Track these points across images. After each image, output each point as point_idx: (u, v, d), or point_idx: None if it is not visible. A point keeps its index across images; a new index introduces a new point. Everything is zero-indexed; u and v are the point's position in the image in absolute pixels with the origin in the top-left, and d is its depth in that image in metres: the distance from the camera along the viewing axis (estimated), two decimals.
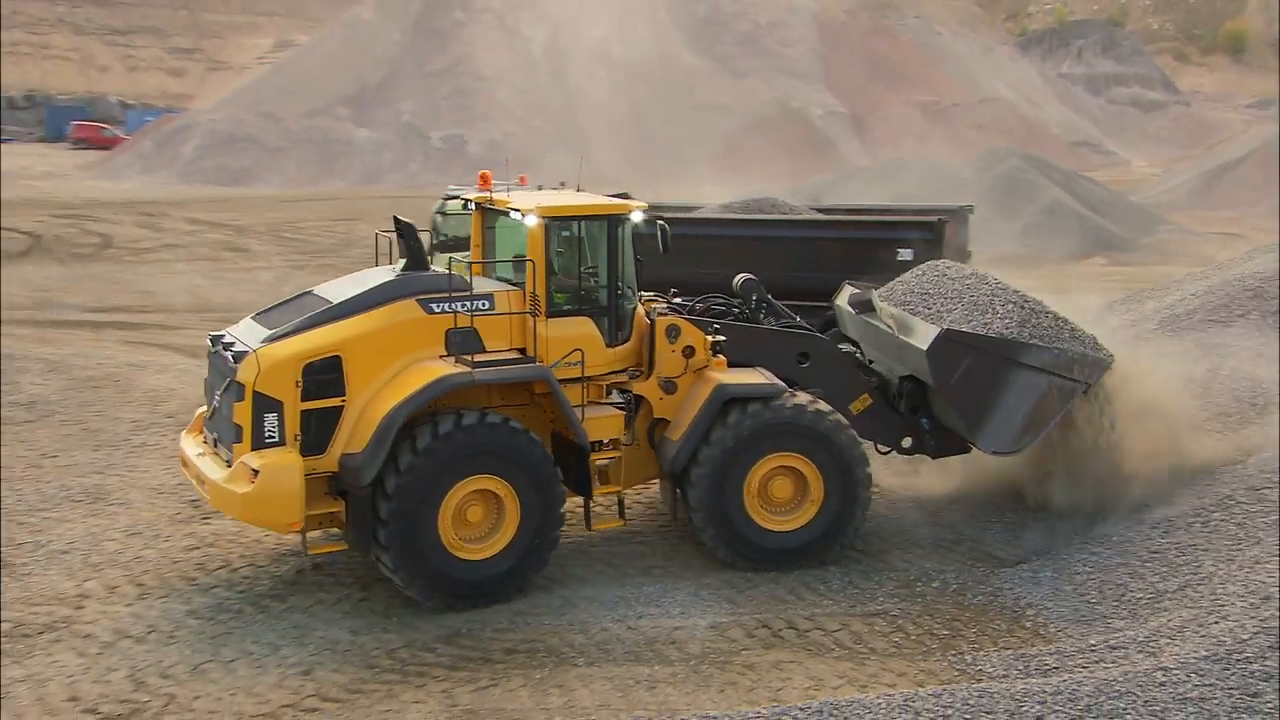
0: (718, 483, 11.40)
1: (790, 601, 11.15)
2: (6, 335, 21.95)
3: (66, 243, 34.82)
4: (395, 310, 10.43)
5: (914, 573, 11.84)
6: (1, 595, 10.66)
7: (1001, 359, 11.60)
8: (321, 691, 9.17)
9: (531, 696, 9.16)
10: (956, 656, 10.07)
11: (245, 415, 9.84)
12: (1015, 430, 11.78)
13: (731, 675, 9.65)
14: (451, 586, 10.38)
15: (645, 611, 10.83)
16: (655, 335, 11.70)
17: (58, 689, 9.05)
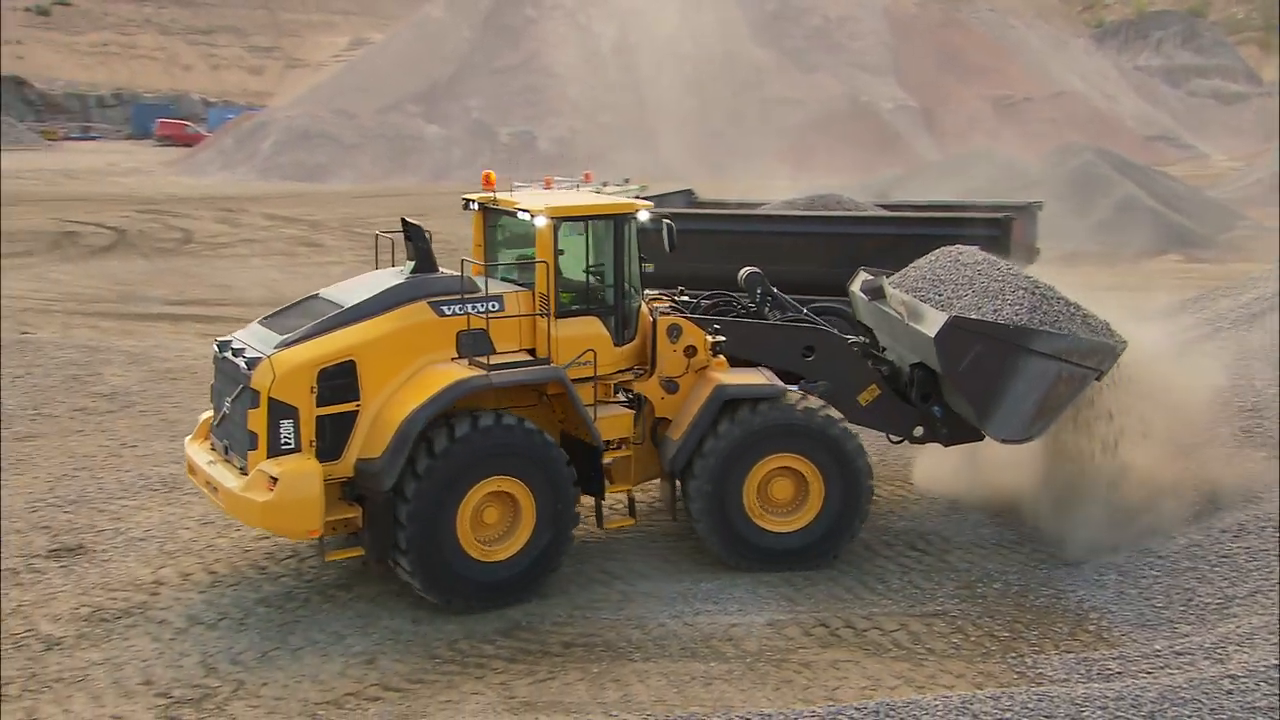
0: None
1: (848, 600, 11.08)
2: (90, 327, 22.63)
3: (149, 237, 35.70)
4: (407, 313, 10.37)
5: (975, 573, 11.69)
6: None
7: (1011, 346, 11.32)
8: (384, 680, 9.32)
9: (588, 690, 9.22)
10: (1016, 659, 9.93)
11: (260, 422, 9.73)
12: (1026, 418, 11.54)
13: (787, 673, 9.61)
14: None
15: (702, 608, 10.83)
16: (657, 334, 11.61)
17: (133, 672, 9.31)
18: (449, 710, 8.80)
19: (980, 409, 11.62)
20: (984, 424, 11.76)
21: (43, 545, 11.76)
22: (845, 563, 11.90)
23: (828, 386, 12.22)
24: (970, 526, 12.80)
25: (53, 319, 23.20)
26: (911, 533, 12.65)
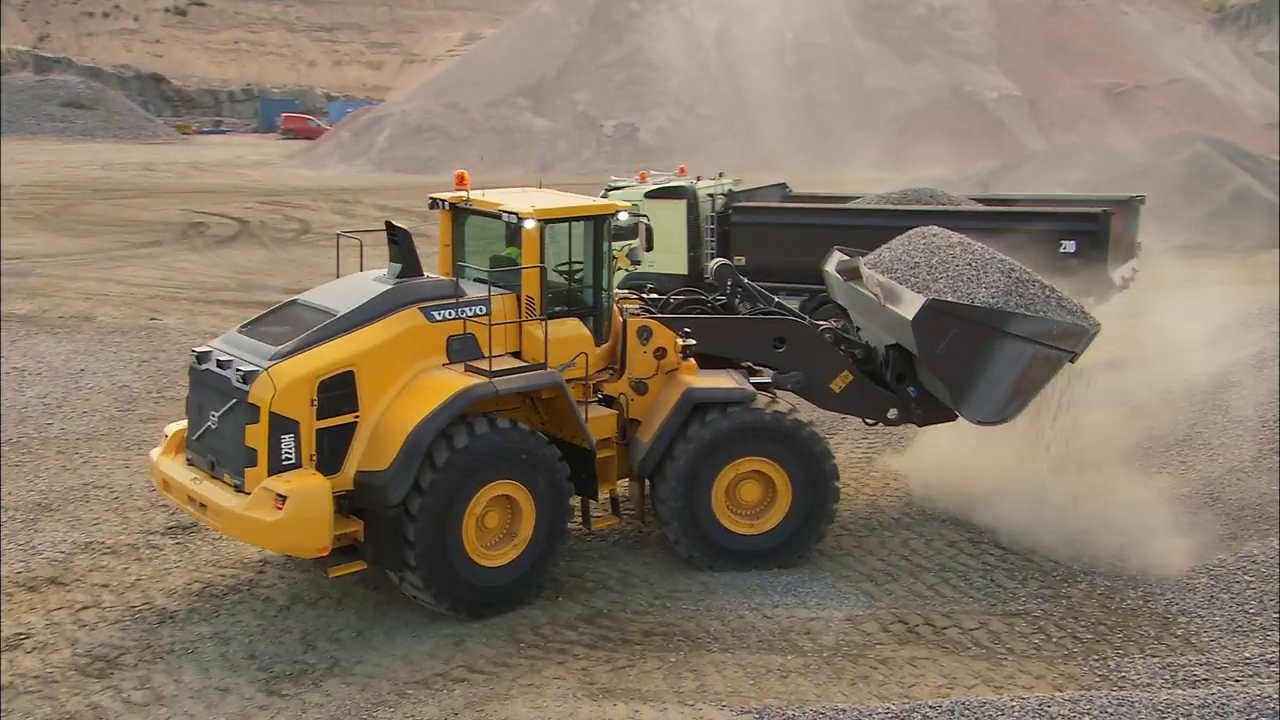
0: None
1: (929, 597, 10.93)
2: (213, 314, 23.44)
3: (270, 228, 36.77)
4: (399, 320, 9.94)
5: (1061, 573, 11.44)
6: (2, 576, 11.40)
7: (987, 329, 11.20)
8: (470, 663, 9.50)
9: (665, 679, 9.27)
10: (1099, 662, 9.69)
11: (260, 438, 9.21)
12: (1001, 400, 11.45)
13: (864, 669, 9.53)
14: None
15: (782, 601, 10.80)
16: (627, 336, 11.44)
17: (239, 647, 9.67)
18: (530, 694, 8.93)
19: (956, 391, 11.48)
20: (959, 406, 11.61)
21: (160, 523, 12.27)
22: (927, 559, 11.76)
23: (800, 376, 12.21)
24: (1058, 526, 12.44)
25: (179, 306, 24.09)
26: (997, 531, 12.41)
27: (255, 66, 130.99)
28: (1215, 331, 18.97)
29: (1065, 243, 17.60)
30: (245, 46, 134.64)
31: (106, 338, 20.12)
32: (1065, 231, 17.64)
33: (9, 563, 11.16)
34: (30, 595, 10.49)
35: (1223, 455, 12.95)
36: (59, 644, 9.57)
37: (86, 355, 18.81)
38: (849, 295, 13.19)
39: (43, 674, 9.09)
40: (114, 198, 43.09)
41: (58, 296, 24.10)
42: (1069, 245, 17.59)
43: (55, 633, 9.74)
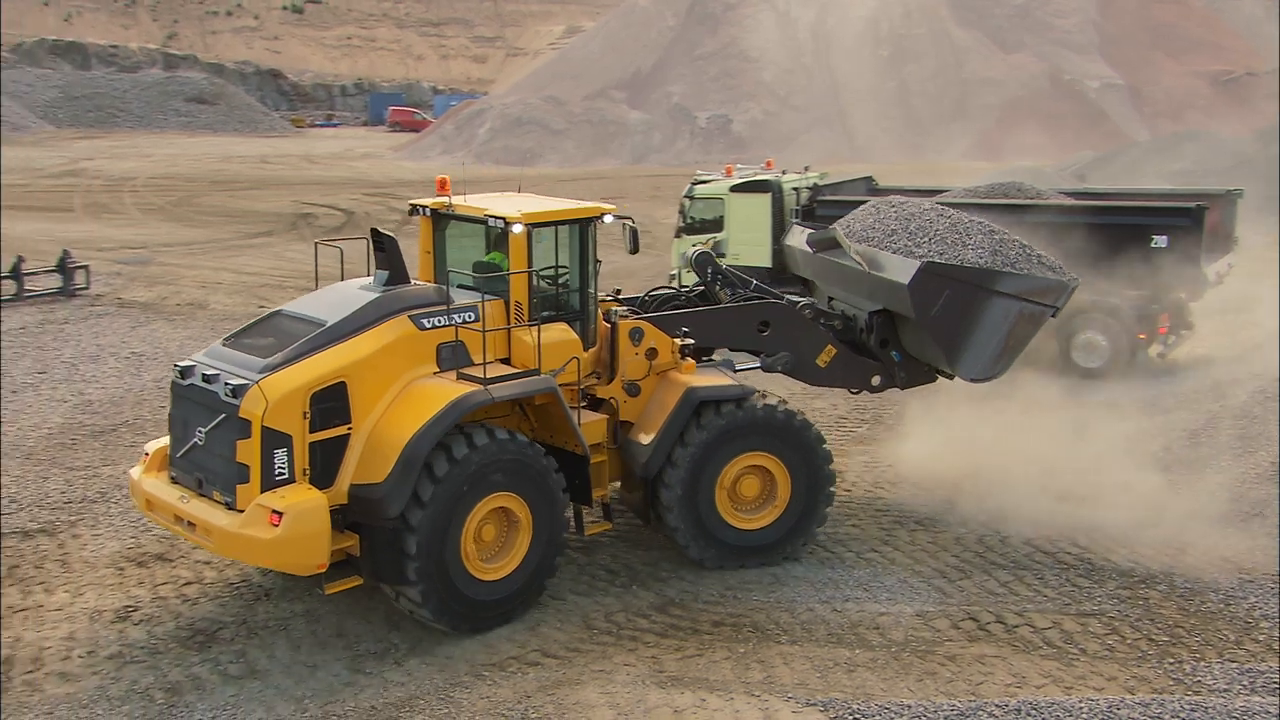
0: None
1: (1001, 595, 10.74)
2: None
3: (374, 219, 37.56)
4: (389, 328, 9.59)
5: (1140, 574, 11.13)
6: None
7: (977, 288, 11.33)
8: (544, 647, 9.66)
9: (733, 669, 9.29)
10: (1174, 665, 9.42)
11: (253, 453, 8.80)
12: (991, 357, 11.67)
13: (932, 665, 9.43)
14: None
15: (853, 595, 10.73)
16: (618, 338, 11.15)
17: (328, 625, 9.98)
18: (600, 679, 9.05)
19: (950, 351, 11.61)
20: (953, 365, 11.75)
21: None
22: (1002, 557, 11.56)
23: (788, 357, 12.17)
24: (1137, 527, 12.15)
25: (287, 294, 24.76)
26: (1072, 529, 12.14)
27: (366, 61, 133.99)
28: None
29: (1157, 238, 17.05)
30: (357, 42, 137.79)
31: (218, 324, 20.86)
32: (1157, 226, 17.07)
33: (122, 539, 11.70)
34: (139, 570, 10.99)
35: None
36: (164, 617, 10.01)
37: (200, 342, 19.50)
38: (820, 267, 13.14)
39: (148, 645, 9.53)
40: (231, 189, 44.60)
41: (176, 285, 25.07)
42: (1160, 240, 17.03)
43: (161, 606, 10.19)
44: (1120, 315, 17.63)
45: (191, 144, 68.50)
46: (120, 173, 49.62)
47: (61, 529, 11.95)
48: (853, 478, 13.89)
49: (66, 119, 77.17)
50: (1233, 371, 17.08)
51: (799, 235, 13.93)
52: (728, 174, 21.21)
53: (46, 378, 17.36)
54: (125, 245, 30.18)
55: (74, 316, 20.86)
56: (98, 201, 40.29)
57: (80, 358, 18.27)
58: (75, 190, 43.31)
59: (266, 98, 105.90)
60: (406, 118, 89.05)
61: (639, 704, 8.68)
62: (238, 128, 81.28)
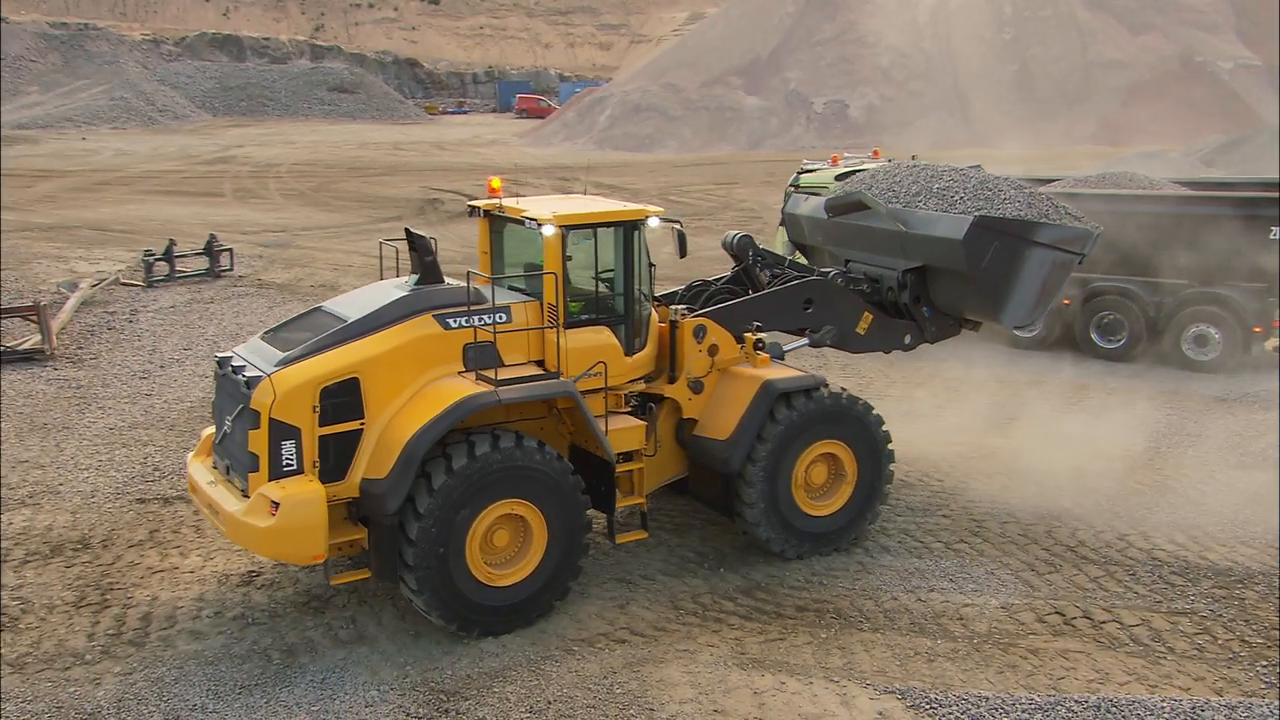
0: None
1: (1089, 590, 10.48)
2: None
3: None
4: (411, 327, 9.39)
5: (1238, 574, 10.71)
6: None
7: (1020, 239, 11.63)
8: (632, 625, 9.81)
9: (814, 654, 9.30)
10: (1266, 667, 9.07)
11: (261, 443, 8.80)
12: (1030, 305, 11.99)
13: (1013, 658, 9.27)
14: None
15: (938, 585, 10.60)
16: (681, 337, 11.00)
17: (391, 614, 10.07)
18: (684, 659, 9.18)
19: (997, 301, 11.87)
20: (999, 314, 12.02)
21: None
22: (1094, 551, 11.27)
23: (833, 330, 12.17)
24: (1241, 523, 11.71)
25: None
26: (1170, 526, 11.74)
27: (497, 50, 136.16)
28: None
29: (1275, 229, 16.24)
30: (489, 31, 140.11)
31: None
32: (1276, 217, 16.26)
33: None
34: None
35: None
36: (284, 583, 10.53)
37: None
38: (839, 231, 13.28)
39: (269, 608, 10.04)
40: (365, 175, 46.00)
41: (311, 267, 26.05)
42: (1278, 232, 16.21)
43: (281, 572, 10.71)
44: (1234, 307, 16.87)
45: (332, 131, 70.89)
46: (266, 159, 51.69)
47: None
48: (946, 468, 13.67)
49: (222, 108, 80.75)
50: None
51: (807, 204, 14.15)
52: (833, 163, 20.93)
53: (191, 354, 18.32)
54: (267, 229, 31.47)
55: (219, 296, 21.90)
56: (245, 187, 42.07)
57: (222, 335, 19.19)
58: (225, 176, 45.30)
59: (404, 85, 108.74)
60: (532, 104, 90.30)
61: (720, 684, 8.79)
62: (375, 115, 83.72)
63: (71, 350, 18.40)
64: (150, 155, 52.87)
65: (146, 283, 22.41)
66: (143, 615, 9.91)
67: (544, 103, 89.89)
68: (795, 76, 61.97)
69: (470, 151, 58.61)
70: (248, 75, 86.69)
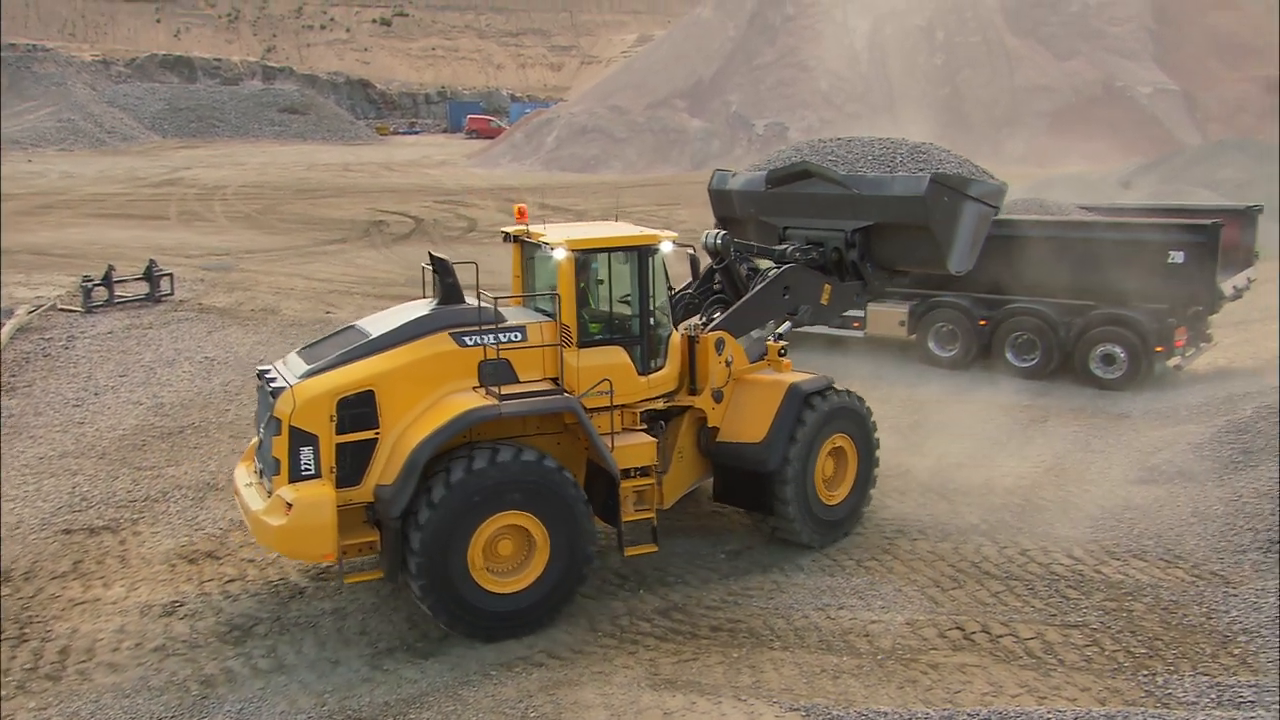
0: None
1: (990, 605, 10.74)
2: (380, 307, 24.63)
3: (442, 226, 38.24)
4: (428, 344, 9.90)
5: (1128, 586, 11.03)
6: None
7: (960, 194, 12.96)
8: (550, 648, 9.88)
9: (725, 674, 9.44)
10: (1148, 678, 9.35)
11: (283, 449, 9.38)
12: (967, 252, 13.31)
13: (914, 673, 9.48)
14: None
15: (848, 603, 10.80)
16: (703, 351, 11.70)
17: (353, 623, 10.32)
18: (599, 681, 9.27)
19: (946, 249, 13.07)
20: (947, 261, 13.16)
21: None
22: (996, 567, 11.54)
23: (808, 309, 13.10)
24: (1134, 538, 12.05)
25: (352, 300, 25.44)
26: (1069, 541, 12.06)
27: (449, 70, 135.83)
28: None
29: (1174, 253, 16.77)
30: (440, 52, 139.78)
31: (286, 330, 21.50)
32: (1174, 242, 16.80)
33: (177, 537, 12.24)
34: (189, 567, 11.49)
35: None
36: (206, 613, 10.48)
37: (267, 346, 20.17)
38: (779, 201, 14.11)
39: (190, 639, 9.99)
40: (312, 197, 45.64)
41: (253, 290, 25.81)
42: (1177, 256, 16.75)
43: (204, 602, 10.66)
44: (1138, 328, 17.36)
45: (282, 152, 70.23)
46: (214, 181, 51.12)
47: (124, 526, 12.53)
48: None
49: (171, 129, 79.72)
50: (1246, 384, 16.76)
51: (736, 180, 15.07)
52: None
53: (126, 380, 18.11)
54: (211, 252, 31.13)
55: (158, 322, 21.64)
56: (190, 209, 41.56)
57: (158, 362, 18.99)
58: (171, 198, 44.73)
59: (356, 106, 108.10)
60: (483, 125, 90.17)
61: (632, 705, 8.89)
62: (326, 136, 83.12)
63: (5, 378, 18.12)
64: (96, 178, 52.07)
65: (85, 308, 22.11)
66: (61, 648, 9.82)
67: (494, 123, 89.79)
68: (737, 99, 62.55)
69: (419, 173, 58.38)
70: (198, 96, 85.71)
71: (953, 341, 19.11)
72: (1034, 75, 63.74)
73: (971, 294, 18.77)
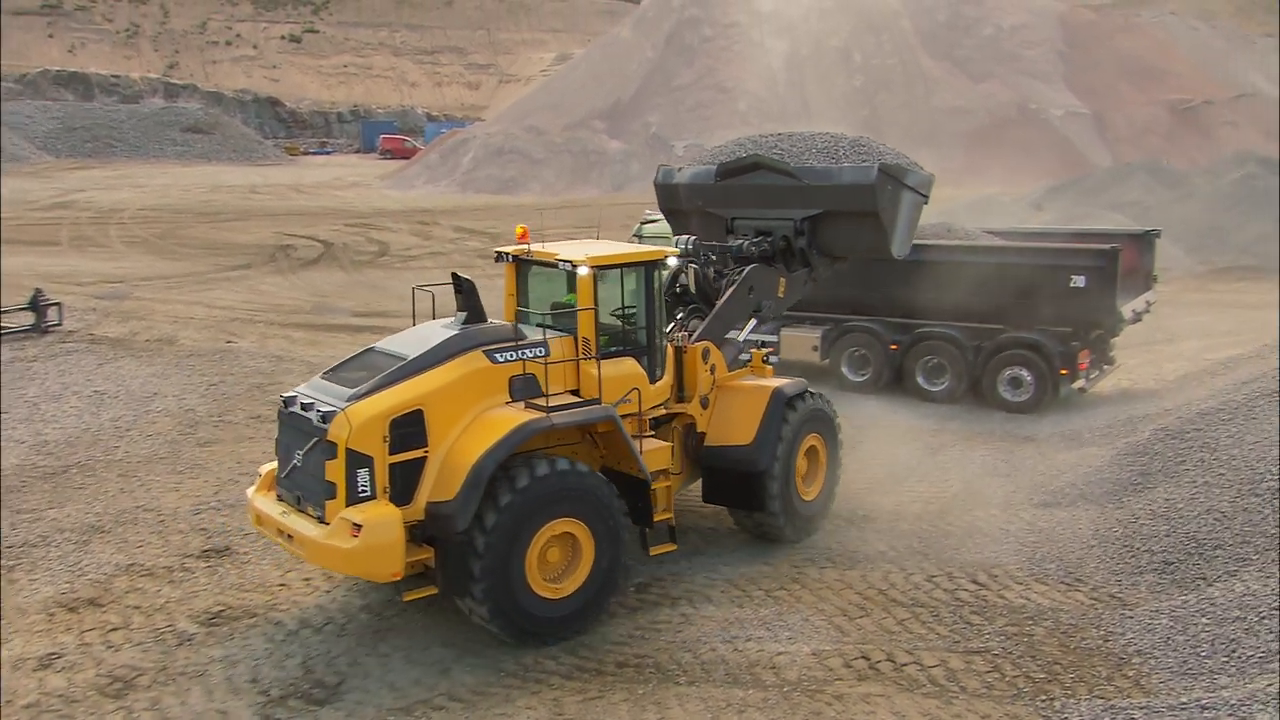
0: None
1: (896, 633, 10.97)
2: (284, 337, 24.36)
3: (351, 250, 37.87)
4: (465, 362, 10.48)
5: (1029, 610, 11.36)
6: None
7: (900, 183, 13.73)
8: (451, 691, 9.81)
9: (630, 711, 9.47)
10: (1045, 702, 9.62)
11: (339, 472, 9.72)
12: (907, 237, 14.19)
13: (819, 705, 9.63)
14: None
15: (755, 634, 10.93)
16: (691, 361, 12.62)
17: (244, 670, 10.14)
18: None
19: (890, 235, 13.83)
20: (891, 246, 13.93)
21: (197, 546, 12.92)
22: (903, 594, 11.79)
23: (770, 303, 14.00)
24: (1036, 562, 12.43)
25: (255, 329, 25.06)
26: (974, 566, 12.39)
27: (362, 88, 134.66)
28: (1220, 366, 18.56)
29: (1075, 278, 17.42)
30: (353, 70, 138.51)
31: (184, 361, 21.06)
32: (1076, 267, 17.45)
33: (57, 584, 11.89)
34: (69, 615, 11.16)
35: (1204, 494, 12.68)
36: (86, 664, 10.18)
37: (162, 379, 19.74)
38: (728, 193, 14.67)
39: (67, 693, 9.68)
40: (215, 221, 44.85)
41: (149, 320, 25.24)
42: (1079, 280, 17.40)
43: (84, 653, 10.36)
44: (1043, 351, 17.95)
45: (185, 174, 68.86)
46: (110, 204, 49.91)
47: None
48: None
49: (65, 149, 77.67)
50: (1146, 406, 17.42)
51: (685, 172, 15.57)
52: None
53: (7, 417, 17.55)
54: (105, 279, 30.40)
55: (43, 354, 21.03)
56: (84, 234, 40.54)
57: (43, 397, 18.46)
58: (64, 222, 43.56)
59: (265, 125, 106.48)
60: (397, 145, 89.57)
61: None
62: (232, 156, 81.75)
63: None
64: None
65: None
66: None
67: (409, 143, 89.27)
68: (656, 120, 63.20)
69: (329, 194, 57.76)
70: (94, 115, 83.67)
71: (865, 366, 19.52)
72: (950, 97, 65.66)
73: (883, 318, 19.23)
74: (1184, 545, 12.06)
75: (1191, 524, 12.31)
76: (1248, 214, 34.58)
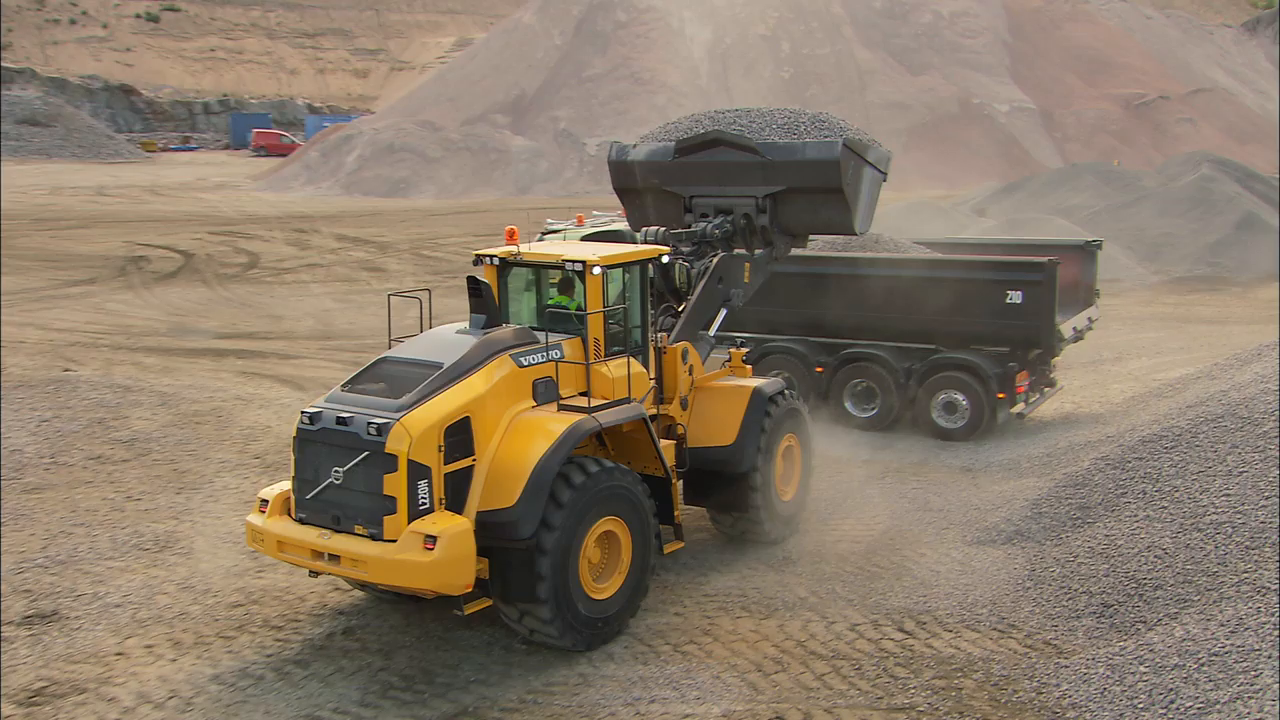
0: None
1: (815, 690, 11.12)
2: (134, 364, 23.86)
3: (216, 262, 37.26)
4: (496, 367, 11.39)
5: (959, 661, 11.62)
6: None
7: (863, 159, 14.77)
8: None
9: None
10: None
11: (400, 485, 10.38)
12: (868, 215, 15.30)
13: None
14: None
15: (661, 695, 10.98)
16: (671, 361, 13.70)
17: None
18: None
19: (852, 211, 14.90)
20: (853, 223, 15.07)
21: (19, 611, 12.53)
22: (823, 645, 11.97)
23: (739, 292, 15.03)
24: (967, 606, 12.72)
25: (99, 354, 24.50)
26: (901, 612, 12.64)
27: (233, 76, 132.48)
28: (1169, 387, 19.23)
29: (1011, 293, 17.90)
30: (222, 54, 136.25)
31: (11, 393, 20.45)
32: (1010, 281, 17.94)
33: None
34: None
35: (1145, 530, 13.14)
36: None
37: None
38: (687, 171, 15.57)
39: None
40: (55, 228, 43.76)
41: None
42: (1015, 296, 17.89)
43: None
44: (979, 373, 18.37)
45: (19, 172, 66.99)
46: None
47: None
48: (685, 557, 14.26)
49: None
50: (1089, 433, 17.97)
51: (640, 149, 16.22)
52: (579, 223, 21.64)
53: None
54: None
55: None
56: None
57: None
58: None
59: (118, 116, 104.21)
60: (273, 141, 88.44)
61: None
62: (77, 153, 79.89)
63: None
64: None
65: None
66: None
67: (286, 139, 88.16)
68: (565, 115, 63.41)
69: (192, 198, 56.77)
70: None
71: None
72: (887, 91, 67.17)
73: (807, 338, 19.51)
74: (1124, 586, 12.47)
75: (1131, 562, 12.74)
76: (1203, 219, 35.95)
